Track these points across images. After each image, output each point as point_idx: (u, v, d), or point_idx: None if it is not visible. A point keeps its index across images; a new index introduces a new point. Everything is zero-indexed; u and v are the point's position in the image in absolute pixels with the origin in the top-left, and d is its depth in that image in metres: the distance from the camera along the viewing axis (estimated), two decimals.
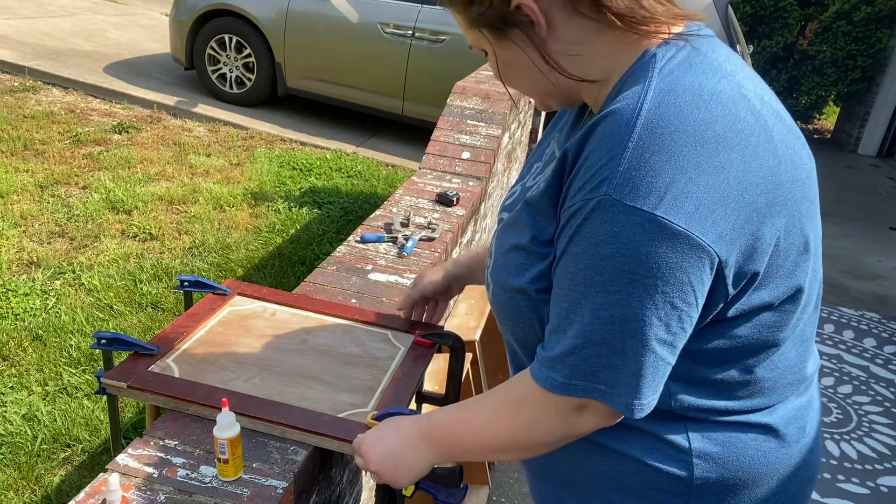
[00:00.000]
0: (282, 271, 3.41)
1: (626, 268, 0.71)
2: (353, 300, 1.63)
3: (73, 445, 2.20)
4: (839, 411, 3.08)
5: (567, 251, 0.76)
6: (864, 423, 3.01)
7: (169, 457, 1.05)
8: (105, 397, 1.63)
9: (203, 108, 5.53)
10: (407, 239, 1.97)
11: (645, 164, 0.69)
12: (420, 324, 1.45)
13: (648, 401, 0.77)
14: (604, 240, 0.72)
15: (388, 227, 2.05)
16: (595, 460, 0.90)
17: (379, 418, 1.10)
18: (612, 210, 0.70)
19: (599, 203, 0.71)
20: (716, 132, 0.71)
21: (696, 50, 0.77)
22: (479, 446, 0.89)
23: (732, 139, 0.71)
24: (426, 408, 1.77)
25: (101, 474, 1.01)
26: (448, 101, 3.01)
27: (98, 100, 5.42)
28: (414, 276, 1.79)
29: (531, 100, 4.13)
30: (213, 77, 5.78)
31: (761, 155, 0.73)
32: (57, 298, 2.89)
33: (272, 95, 5.79)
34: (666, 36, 0.79)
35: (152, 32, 7.79)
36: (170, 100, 5.55)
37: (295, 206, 4.11)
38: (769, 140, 0.74)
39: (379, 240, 1.96)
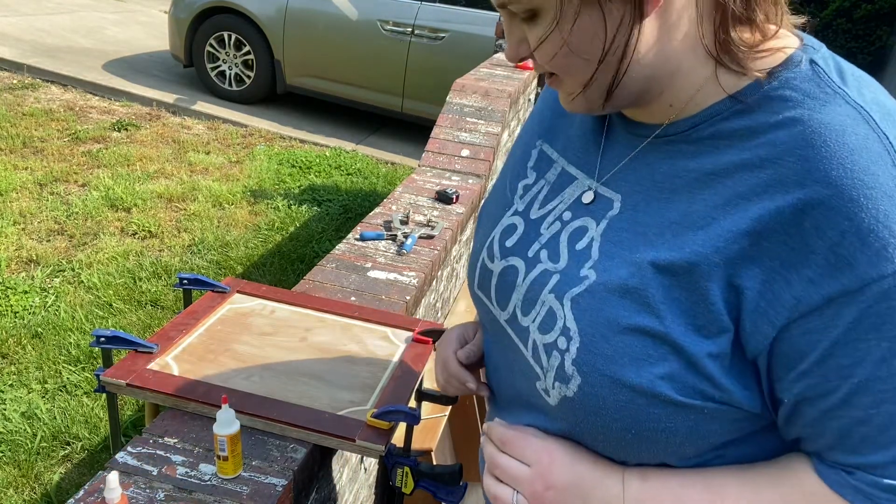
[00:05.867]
0: (281, 269, 3.40)
1: None
2: (353, 298, 1.63)
3: (73, 443, 2.20)
4: None
5: (871, 348, 0.55)
6: None
7: (168, 454, 1.05)
8: (104, 395, 1.63)
9: (202, 106, 5.52)
10: (406, 237, 1.97)
11: None
12: (419, 321, 1.45)
13: None
14: None
15: (388, 225, 2.05)
16: None
17: (379, 416, 1.10)
18: None
19: None
20: None
21: (837, 58, 0.62)
22: None
23: None
24: (426, 406, 1.77)
25: (100, 472, 1.01)
26: (447, 98, 3.01)
27: (97, 97, 5.41)
28: (413, 273, 1.78)
29: (531, 96, 4.12)
30: (213, 74, 5.77)
31: None
32: (56, 296, 2.89)
33: (271, 93, 5.78)
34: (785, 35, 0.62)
35: (151, 30, 7.78)
36: (169, 97, 5.54)
37: (294, 204, 4.11)
38: None
39: (378, 237, 1.96)
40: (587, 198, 0.70)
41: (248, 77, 5.73)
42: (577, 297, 0.65)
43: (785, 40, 0.61)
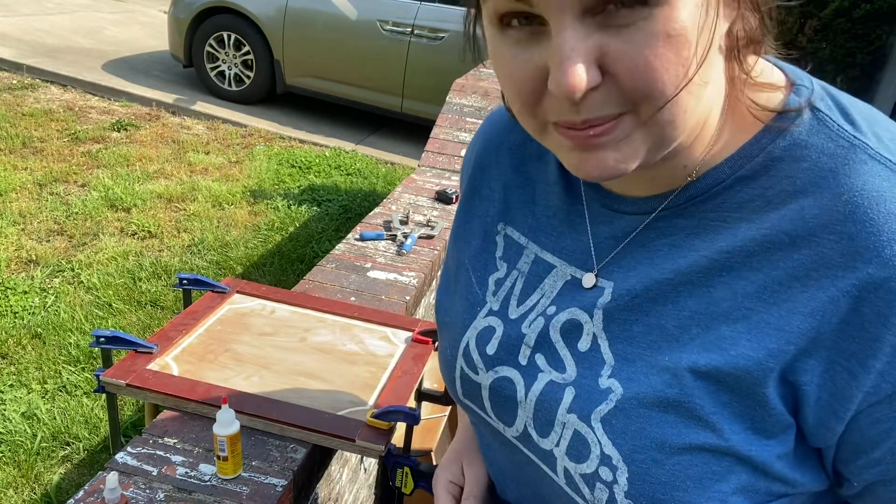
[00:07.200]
0: (281, 269, 3.40)
1: None
2: (353, 298, 1.62)
3: (73, 443, 2.20)
4: None
5: None
6: None
7: (168, 455, 1.05)
8: (104, 395, 1.63)
9: (202, 106, 5.52)
10: (406, 237, 1.97)
11: None
12: (419, 322, 1.45)
13: None
14: None
15: (388, 225, 2.05)
16: None
17: (379, 416, 1.10)
18: None
19: None
20: None
21: (831, 91, 0.55)
22: None
23: None
24: (426, 406, 1.77)
25: (100, 472, 1.01)
26: (447, 98, 3.01)
27: (96, 97, 5.41)
28: (413, 273, 1.78)
29: None
30: (212, 74, 5.77)
31: None
32: (56, 296, 2.88)
33: (271, 93, 5.78)
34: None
35: (151, 30, 7.78)
36: (168, 97, 5.54)
37: (294, 204, 4.11)
38: None
39: (378, 238, 1.96)
40: (588, 282, 0.60)
41: (248, 77, 5.73)
42: (608, 417, 0.55)
43: (769, 73, 0.54)
